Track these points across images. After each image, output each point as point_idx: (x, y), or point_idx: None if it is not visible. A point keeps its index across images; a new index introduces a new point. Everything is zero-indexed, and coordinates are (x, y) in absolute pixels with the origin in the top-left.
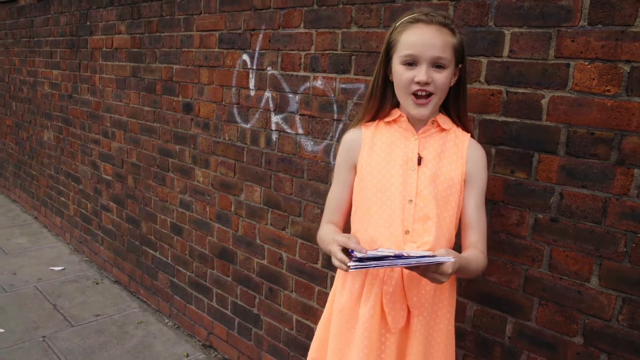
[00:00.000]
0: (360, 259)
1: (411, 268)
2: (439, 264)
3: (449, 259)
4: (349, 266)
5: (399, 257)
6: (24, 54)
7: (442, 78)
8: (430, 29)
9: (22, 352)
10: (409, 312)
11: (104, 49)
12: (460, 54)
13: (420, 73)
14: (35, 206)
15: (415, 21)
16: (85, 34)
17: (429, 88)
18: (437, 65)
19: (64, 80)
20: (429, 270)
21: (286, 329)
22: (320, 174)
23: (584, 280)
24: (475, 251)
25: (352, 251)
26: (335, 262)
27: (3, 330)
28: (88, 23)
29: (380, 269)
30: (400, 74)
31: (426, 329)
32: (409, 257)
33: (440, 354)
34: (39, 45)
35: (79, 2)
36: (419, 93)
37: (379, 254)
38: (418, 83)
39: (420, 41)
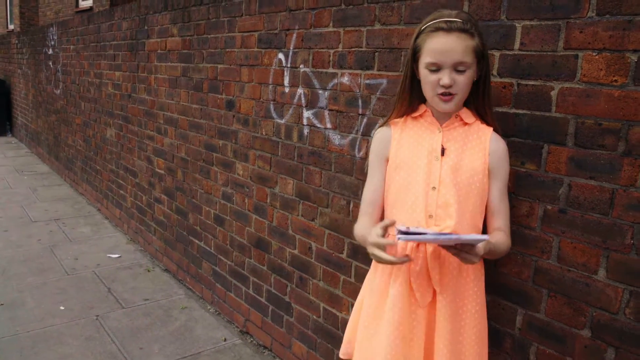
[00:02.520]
0: (405, 233)
1: (447, 247)
2: (473, 245)
3: (485, 237)
4: (398, 238)
5: (440, 234)
6: (92, 58)
7: (464, 79)
8: (451, 37)
9: (77, 327)
10: (434, 290)
11: (158, 51)
12: (480, 53)
13: (444, 77)
14: (98, 199)
15: (436, 30)
16: (143, 38)
17: (452, 90)
18: (458, 69)
19: (125, 81)
20: (463, 250)
21: (314, 317)
22: (346, 167)
23: (592, 272)
24: (500, 234)
25: (398, 231)
26: (376, 253)
27: (63, 308)
28: (145, 27)
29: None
30: (425, 76)
31: (452, 308)
32: (449, 234)
33: (471, 334)
34: (104, 49)
35: (139, 8)
36: (444, 93)
37: (421, 230)
38: (442, 86)
39: (441, 49)
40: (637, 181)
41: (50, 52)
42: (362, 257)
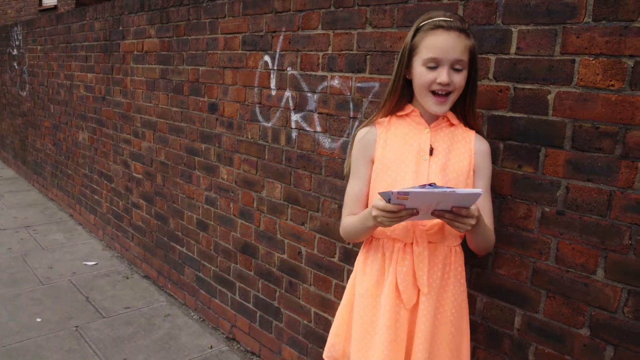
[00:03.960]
0: (400, 192)
1: (442, 215)
2: (467, 208)
3: (479, 191)
4: (391, 192)
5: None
6: (62, 59)
7: (460, 79)
8: (451, 35)
9: (57, 340)
10: (419, 291)
11: (135, 52)
12: (474, 55)
13: (442, 75)
14: (70, 204)
15: (436, 27)
16: (118, 39)
17: (449, 88)
18: (455, 67)
19: (98, 83)
20: (457, 218)
21: (305, 322)
22: (337, 170)
23: (590, 272)
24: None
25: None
26: (379, 216)
27: (40, 320)
28: (120, 28)
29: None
30: (422, 74)
31: (433, 310)
32: (444, 188)
33: (446, 334)
34: (75, 50)
35: (112, 8)
36: (439, 92)
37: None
38: (440, 84)
39: (441, 46)
40: (635, 183)
41: (15, 52)
42: (354, 260)
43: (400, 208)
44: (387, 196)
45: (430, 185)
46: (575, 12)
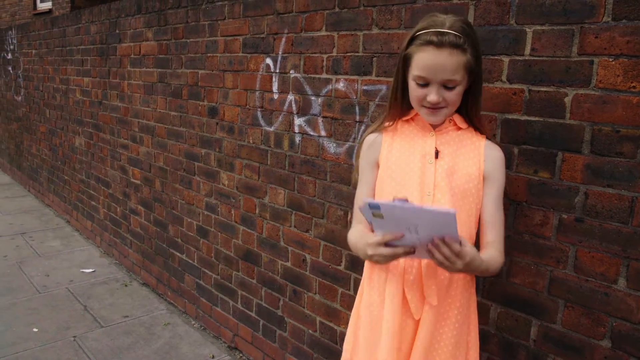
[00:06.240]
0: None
1: (432, 255)
2: (457, 243)
3: (452, 211)
4: (366, 204)
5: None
6: (57, 63)
7: (452, 95)
8: (442, 53)
9: (54, 351)
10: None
11: (132, 55)
12: (471, 68)
13: (431, 94)
14: (67, 210)
15: (427, 43)
16: (115, 42)
17: (440, 105)
18: (447, 86)
19: (95, 87)
20: (447, 255)
21: (310, 331)
22: (343, 176)
23: (611, 281)
24: (490, 252)
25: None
26: (376, 256)
27: (37, 330)
28: (117, 31)
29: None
30: (413, 89)
31: (435, 317)
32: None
33: (448, 341)
34: (71, 54)
35: (109, 11)
36: (431, 107)
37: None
38: (429, 102)
39: (431, 65)
40: None
41: (10, 56)
42: (361, 268)
43: (393, 237)
44: (366, 213)
45: (402, 200)
46: (594, 12)
